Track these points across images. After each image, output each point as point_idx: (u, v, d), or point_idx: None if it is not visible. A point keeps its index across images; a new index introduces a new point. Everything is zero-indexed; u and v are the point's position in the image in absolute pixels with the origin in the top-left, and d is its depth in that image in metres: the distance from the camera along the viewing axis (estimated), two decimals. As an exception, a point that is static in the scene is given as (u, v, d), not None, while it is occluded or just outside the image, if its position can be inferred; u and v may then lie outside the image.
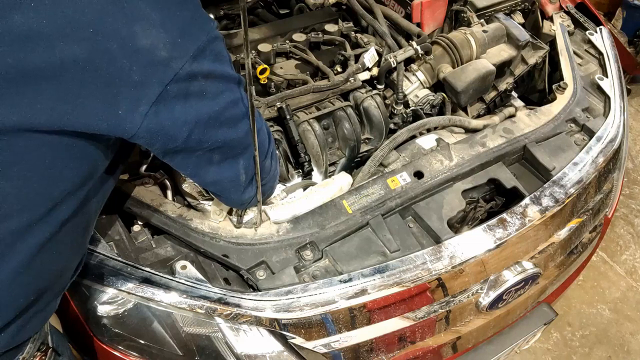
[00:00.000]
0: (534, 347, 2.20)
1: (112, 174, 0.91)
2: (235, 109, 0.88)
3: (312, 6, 1.87)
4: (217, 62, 0.81)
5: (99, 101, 0.71)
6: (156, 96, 0.73)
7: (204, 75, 0.79)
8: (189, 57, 0.75)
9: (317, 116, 1.49)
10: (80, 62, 0.67)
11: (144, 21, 0.70)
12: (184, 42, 0.75)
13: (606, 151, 1.47)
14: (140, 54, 0.70)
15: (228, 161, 0.95)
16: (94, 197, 0.87)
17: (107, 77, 0.69)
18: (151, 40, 0.71)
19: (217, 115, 0.85)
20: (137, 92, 0.72)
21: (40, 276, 0.84)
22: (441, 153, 1.39)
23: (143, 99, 0.73)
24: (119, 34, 0.68)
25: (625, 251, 2.62)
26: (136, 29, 0.70)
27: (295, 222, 1.22)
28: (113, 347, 1.09)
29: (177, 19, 0.75)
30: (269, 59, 1.56)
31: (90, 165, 0.80)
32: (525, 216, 1.30)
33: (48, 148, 0.72)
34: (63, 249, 0.86)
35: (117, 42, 0.68)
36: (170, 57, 0.73)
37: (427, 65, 1.65)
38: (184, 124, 0.80)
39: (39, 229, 0.78)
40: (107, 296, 1.06)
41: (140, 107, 0.73)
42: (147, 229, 1.19)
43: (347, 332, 1.15)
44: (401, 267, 1.16)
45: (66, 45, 0.66)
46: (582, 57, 1.80)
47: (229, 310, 1.06)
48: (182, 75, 0.75)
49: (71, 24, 0.66)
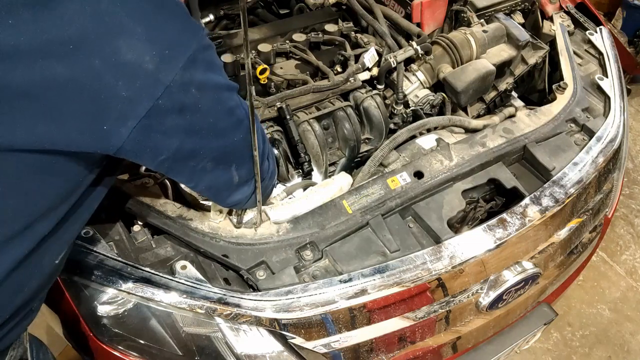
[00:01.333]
0: (534, 347, 2.20)
1: (97, 189, 0.88)
2: (230, 118, 0.87)
3: (312, 6, 1.87)
4: (209, 71, 0.79)
5: (83, 118, 0.69)
6: (146, 110, 0.72)
7: (198, 86, 0.77)
8: (179, 68, 0.73)
9: (317, 116, 1.49)
10: (61, 80, 0.66)
11: (127, 35, 0.68)
12: (172, 53, 0.73)
13: (606, 151, 1.47)
14: (125, 68, 0.68)
15: (221, 167, 0.93)
16: (76, 212, 0.85)
17: (92, 93, 0.68)
18: (136, 54, 0.69)
19: (211, 126, 0.83)
20: (125, 107, 0.70)
21: (17, 292, 0.82)
22: (441, 153, 1.39)
23: (131, 114, 0.71)
24: (102, 49, 0.67)
25: (625, 251, 2.62)
26: (119, 43, 0.68)
27: (295, 222, 1.22)
28: (113, 347, 1.09)
29: (164, 30, 0.73)
30: (269, 59, 1.56)
31: (71, 182, 0.78)
32: (525, 216, 1.30)
33: (26, 166, 0.71)
34: (41, 264, 0.84)
35: (99, 58, 0.67)
36: (157, 70, 0.71)
37: (427, 65, 1.65)
38: (176, 135, 0.78)
39: (15, 245, 0.76)
40: (107, 296, 1.06)
41: (128, 122, 0.71)
42: (147, 229, 1.19)
43: (347, 332, 1.15)
44: (401, 267, 1.16)
45: (46, 63, 0.64)
46: (582, 57, 1.80)
47: (229, 310, 1.06)
48: (174, 88, 0.73)
49: (51, 41, 0.64)
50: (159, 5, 0.73)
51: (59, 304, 1.11)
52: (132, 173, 1.28)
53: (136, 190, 1.22)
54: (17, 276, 0.79)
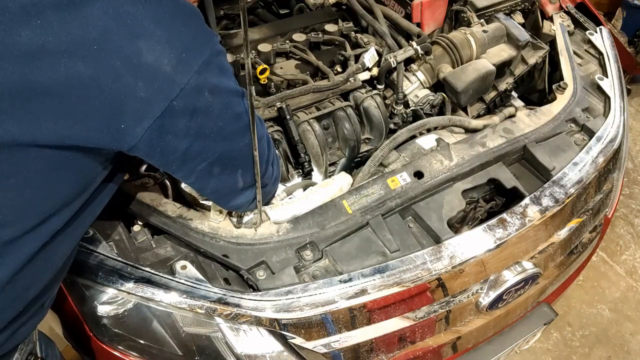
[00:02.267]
0: (534, 347, 2.20)
1: (109, 185, 0.91)
2: (238, 122, 0.89)
3: (312, 6, 1.87)
4: (222, 76, 0.82)
5: (102, 116, 0.71)
6: (161, 111, 0.74)
7: (210, 90, 0.79)
8: (194, 71, 0.76)
9: (317, 116, 1.49)
10: (84, 79, 0.68)
11: (148, 38, 0.71)
12: (188, 57, 0.75)
13: (606, 151, 1.47)
14: (144, 69, 0.71)
15: (227, 172, 0.95)
16: (88, 208, 0.87)
17: (112, 93, 0.70)
18: (156, 56, 0.72)
19: (219, 129, 0.85)
20: (142, 107, 0.73)
21: (30, 286, 0.84)
22: (441, 153, 1.39)
23: (148, 114, 0.73)
24: (123, 50, 0.69)
25: (625, 251, 2.62)
26: (140, 45, 0.70)
27: (295, 222, 1.22)
28: (113, 347, 1.09)
29: (182, 34, 0.75)
30: (269, 59, 1.56)
31: (86, 178, 0.81)
32: (525, 216, 1.30)
33: (46, 162, 0.73)
34: (54, 258, 0.86)
35: (120, 59, 0.69)
36: (175, 72, 0.74)
37: (427, 65, 1.65)
38: (185, 137, 0.80)
39: (30, 239, 0.78)
40: (107, 296, 1.06)
41: (144, 122, 0.74)
42: (147, 229, 1.19)
43: (347, 332, 1.15)
44: (401, 267, 1.16)
45: (71, 62, 0.67)
46: (582, 57, 1.80)
47: (229, 310, 1.06)
48: (188, 90, 0.75)
49: (76, 41, 0.67)
50: (176, 10, 0.76)
51: (60, 304, 1.11)
52: (132, 173, 1.28)
53: (136, 190, 1.22)
54: (30, 270, 0.81)
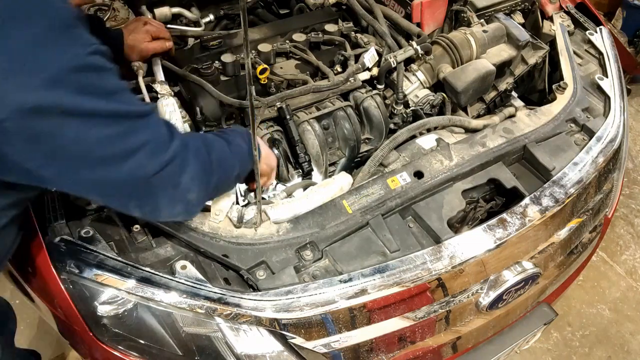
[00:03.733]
0: (534, 347, 2.20)
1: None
2: (110, 147, 0.74)
3: (312, 6, 1.87)
4: (83, 95, 0.68)
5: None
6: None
7: (62, 112, 0.66)
8: (32, 88, 0.63)
9: (317, 116, 1.49)
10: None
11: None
12: (27, 69, 0.63)
13: (606, 151, 1.47)
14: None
15: (116, 199, 0.84)
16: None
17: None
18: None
19: (84, 154, 0.73)
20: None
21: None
22: (441, 153, 1.39)
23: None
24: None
25: (625, 251, 2.62)
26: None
27: (295, 222, 1.22)
28: (113, 347, 1.09)
29: (19, 41, 0.62)
30: (269, 59, 1.56)
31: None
32: (525, 216, 1.30)
33: None
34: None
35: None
36: (3, 89, 0.62)
37: (427, 65, 1.65)
38: (31, 160, 0.70)
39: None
40: (107, 296, 1.06)
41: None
42: (147, 229, 1.19)
43: (347, 332, 1.15)
44: (401, 267, 1.16)
45: None
46: (582, 57, 1.80)
47: (229, 310, 1.06)
48: (25, 112, 0.63)
49: None
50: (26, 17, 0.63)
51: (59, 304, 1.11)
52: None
53: (136, 190, 1.22)
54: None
